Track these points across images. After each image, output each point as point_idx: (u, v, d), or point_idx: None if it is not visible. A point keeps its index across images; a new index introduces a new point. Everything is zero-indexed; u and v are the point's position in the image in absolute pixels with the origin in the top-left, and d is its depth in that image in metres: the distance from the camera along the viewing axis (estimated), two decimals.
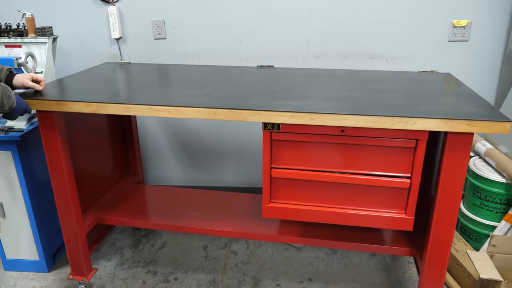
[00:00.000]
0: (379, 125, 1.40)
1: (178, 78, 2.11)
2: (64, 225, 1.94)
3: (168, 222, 2.05)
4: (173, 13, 2.52)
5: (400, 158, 1.50)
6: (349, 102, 1.59)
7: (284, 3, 2.43)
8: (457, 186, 1.48)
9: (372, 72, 2.14)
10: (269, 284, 2.17)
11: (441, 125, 1.37)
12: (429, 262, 1.65)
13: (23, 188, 2.07)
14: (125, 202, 2.26)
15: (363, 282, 2.17)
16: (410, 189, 1.53)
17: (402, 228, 1.59)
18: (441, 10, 2.39)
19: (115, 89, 1.96)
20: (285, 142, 1.56)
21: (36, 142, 2.11)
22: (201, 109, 1.51)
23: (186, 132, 2.79)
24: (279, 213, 1.66)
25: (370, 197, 1.58)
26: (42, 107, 1.66)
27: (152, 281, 2.20)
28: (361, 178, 1.55)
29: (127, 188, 2.42)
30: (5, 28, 2.15)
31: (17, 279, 2.24)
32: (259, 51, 2.54)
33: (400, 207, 1.57)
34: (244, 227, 1.99)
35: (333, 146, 1.53)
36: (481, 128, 1.36)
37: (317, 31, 2.48)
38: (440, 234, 1.58)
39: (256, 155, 2.79)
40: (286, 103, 1.55)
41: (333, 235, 1.89)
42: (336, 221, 1.64)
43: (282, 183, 1.62)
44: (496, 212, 2.13)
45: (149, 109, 1.57)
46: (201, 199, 2.27)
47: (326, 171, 1.57)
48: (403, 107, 1.51)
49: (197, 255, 2.41)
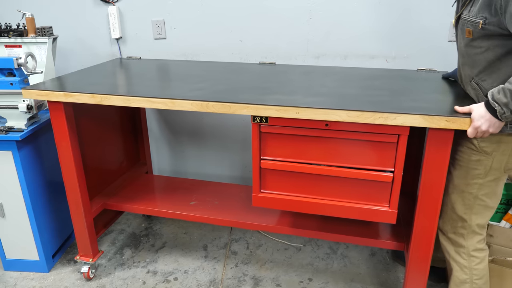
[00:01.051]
0: (361, 120, 1.46)
1: (180, 73, 2.17)
2: (73, 209, 2.06)
3: (169, 209, 2.18)
4: (173, 13, 2.52)
5: (383, 152, 1.54)
6: (336, 97, 1.65)
7: (284, 3, 2.43)
8: (438, 180, 1.54)
9: (369, 70, 2.18)
10: (269, 284, 2.17)
11: (420, 121, 1.42)
12: (413, 251, 1.70)
13: (23, 188, 2.07)
14: (130, 190, 2.41)
15: (363, 282, 2.17)
16: (393, 182, 1.57)
17: (385, 221, 1.63)
18: (441, 10, 2.39)
19: (118, 83, 2.06)
20: (272, 135, 1.63)
21: (36, 142, 2.11)
22: (194, 101, 1.62)
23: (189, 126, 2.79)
24: (268, 202, 1.73)
25: (354, 190, 1.63)
26: (52, 97, 1.80)
27: (152, 281, 2.20)
28: (345, 171, 1.60)
29: (135, 177, 2.56)
30: (5, 28, 2.15)
31: (17, 279, 2.24)
32: (259, 51, 2.54)
33: (383, 200, 1.62)
34: (241, 217, 2.09)
35: (317, 140, 1.59)
36: (460, 125, 1.40)
37: (317, 31, 2.48)
38: (424, 224, 1.64)
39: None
40: (275, 98, 1.63)
41: (325, 227, 1.97)
42: (322, 212, 1.69)
43: (271, 174, 1.69)
44: (496, 212, 2.13)
45: (147, 101, 1.68)
46: (202, 190, 2.38)
47: (311, 163, 1.63)
48: (387, 103, 1.57)
49: (197, 255, 2.41)
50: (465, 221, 1.65)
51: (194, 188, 2.41)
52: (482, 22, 1.37)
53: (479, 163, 1.54)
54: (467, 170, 1.58)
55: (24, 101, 1.94)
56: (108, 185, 2.41)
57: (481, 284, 1.71)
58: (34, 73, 1.97)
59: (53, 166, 2.25)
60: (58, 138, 1.91)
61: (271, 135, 1.63)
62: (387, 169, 1.57)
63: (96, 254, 2.20)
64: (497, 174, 1.55)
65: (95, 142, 2.25)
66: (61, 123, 1.87)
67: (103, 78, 2.08)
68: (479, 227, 1.67)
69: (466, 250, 1.69)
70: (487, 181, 1.56)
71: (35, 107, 1.99)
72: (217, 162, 2.85)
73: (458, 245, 1.71)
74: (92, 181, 2.19)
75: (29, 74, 1.95)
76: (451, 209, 1.69)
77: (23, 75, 1.91)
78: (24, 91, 1.82)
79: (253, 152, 1.66)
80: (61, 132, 1.89)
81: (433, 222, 1.63)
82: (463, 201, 1.63)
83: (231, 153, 2.81)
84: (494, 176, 1.55)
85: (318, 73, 2.12)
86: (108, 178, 2.42)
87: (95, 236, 2.19)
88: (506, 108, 1.31)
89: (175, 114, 2.76)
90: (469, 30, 1.44)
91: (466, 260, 1.70)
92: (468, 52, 1.50)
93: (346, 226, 1.96)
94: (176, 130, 2.81)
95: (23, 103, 1.94)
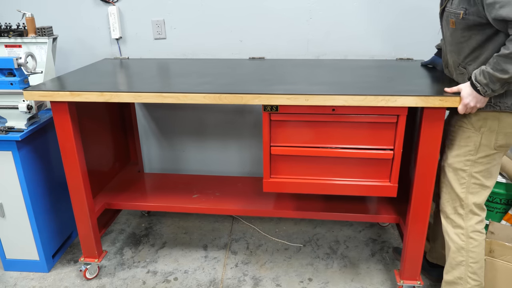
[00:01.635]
0: (365, 103, 1.60)
1: (177, 71, 2.20)
2: (77, 209, 2.05)
3: (173, 204, 2.24)
4: (173, 13, 2.52)
5: (384, 132, 1.70)
6: (337, 85, 1.78)
7: (284, 3, 2.43)
8: (433, 151, 1.71)
9: (355, 61, 2.33)
10: (269, 284, 2.17)
11: (418, 102, 1.58)
12: (412, 219, 1.85)
13: (23, 188, 2.07)
14: (130, 188, 2.42)
15: (363, 282, 2.17)
16: (393, 159, 1.72)
17: (387, 195, 1.78)
18: None
19: (121, 81, 2.08)
20: (282, 122, 1.73)
21: (36, 142, 2.11)
22: (207, 94, 1.67)
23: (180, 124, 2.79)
24: (278, 187, 1.83)
25: (358, 169, 1.77)
26: (57, 98, 1.78)
27: (152, 281, 2.20)
28: (350, 152, 1.74)
29: (130, 177, 2.57)
30: (5, 28, 2.15)
31: (17, 279, 2.24)
32: (259, 51, 2.54)
33: (385, 176, 1.77)
34: (244, 204, 2.19)
35: (324, 124, 1.71)
36: (452, 103, 1.57)
37: (317, 31, 2.48)
38: (421, 192, 1.79)
39: (251, 148, 2.79)
40: (282, 88, 1.73)
41: (324, 207, 2.12)
42: (328, 191, 1.82)
43: (281, 159, 1.80)
44: (496, 212, 2.14)
45: (158, 96, 1.71)
46: (201, 184, 2.44)
47: (319, 147, 1.75)
48: (385, 87, 1.73)
49: (197, 255, 2.41)
50: (462, 200, 1.73)
51: (193, 183, 2.46)
52: (463, 13, 1.52)
53: (469, 140, 1.66)
54: (459, 147, 1.70)
55: (24, 101, 1.94)
56: (105, 185, 2.42)
57: (476, 269, 1.75)
58: (34, 73, 1.97)
59: (53, 166, 2.25)
60: (62, 138, 1.89)
61: (281, 123, 1.73)
62: (387, 147, 1.72)
63: (100, 254, 2.21)
64: (488, 151, 1.64)
65: (89, 143, 2.24)
66: (66, 123, 1.86)
67: (102, 78, 2.08)
68: (477, 206, 1.73)
69: (465, 232, 1.75)
70: (478, 158, 1.66)
71: (35, 107, 1.99)
72: (210, 158, 2.85)
73: (458, 226, 1.76)
74: (91, 182, 2.17)
75: (29, 74, 1.94)
76: (450, 189, 1.76)
77: (23, 75, 1.91)
78: (25, 93, 1.79)
79: (264, 140, 1.75)
80: (65, 133, 1.88)
81: (429, 189, 1.77)
82: (458, 180, 1.72)
83: (225, 149, 2.81)
84: (485, 153, 1.65)
85: (308, 65, 2.23)
86: (104, 178, 2.44)
87: (99, 236, 2.21)
88: (487, 87, 1.47)
89: (162, 112, 2.75)
90: (452, 21, 1.59)
91: (464, 242, 1.75)
92: (453, 41, 1.64)
93: (346, 206, 2.12)
94: (165, 128, 2.80)
95: (23, 103, 1.94)
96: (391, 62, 2.31)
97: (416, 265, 1.94)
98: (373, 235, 2.56)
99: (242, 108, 2.65)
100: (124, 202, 2.27)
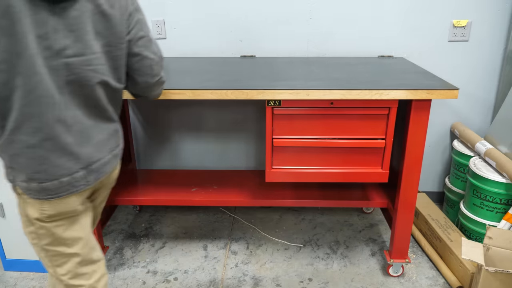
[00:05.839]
0: (361, 97, 1.73)
1: (178, 69, 2.20)
2: None
3: (172, 197, 2.28)
4: (173, 13, 2.52)
5: (377, 123, 1.84)
6: (333, 80, 1.88)
7: (284, 3, 2.43)
8: (420, 138, 1.86)
9: (340, 59, 2.41)
10: (269, 284, 2.17)
11: (407, 95, 1.72)
12: (401, 202, 1.99)
13: None
14: (128, 184, 2.43)
15: (363, 282, 2.17)
16: (385, 148, 1.87)
17: (379, 180, 1.94)
18: (441, 10, 2.40)
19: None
20: (284, 116, 1.84)
21: None
22: (213, 90, 1.75)
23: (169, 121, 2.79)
24: (279, 176, 1.95)
25: (353, 157, 1.91)
26: None
27: (152, 281, 2.20)
28: (346, 142, 1.87)
29: (125, 174, 2.56)
30: None
31: (17, 279, 2.24)
32: (259, 51, 2.54)
33: (377, 164, 1.92)
34: (244, 196, 2.27)
35: (323, 117, 1.84)
36: (437, 95, 1.73)
37: (317, 31, 2.48)
38: (410, 176, 1.94)
39: (243, 147, 2.79)
40: (283, 83, 1.82)
41: (320, 196, 2.27)
42: (325, 179, 1.95)
43: (282, 150, 1.91)
44: (496, 212, 2.14)
45: (165, 92, 1.75)
46: (199, 178, 2.48)
47: (318, 138, 1.88)
48: (377, 82, 1.84)
49: (197, 255, 2.41)
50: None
51: (191, 177, 2.49)
52: None
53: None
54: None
55: None
56: None
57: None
58: None
59: None
60: None
61: (283, 116, 1.84)
62: (379, 137, 1.86)
63: (103, 249, 2.24)
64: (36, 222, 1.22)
65: None
66: None
67: None
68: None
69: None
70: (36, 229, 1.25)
71: None
72: (206, 155, 2.86)
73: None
74: None
75: None
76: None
77: None
78: None
79: (267, 133, 1.87)
80: None
81: (417, 174, 1.93)
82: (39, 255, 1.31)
83: (222, 145, 2.82)
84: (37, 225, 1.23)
85: (299, 62, 2.31)
86: None
87: (101, 232, 2.24)
88: None
89: (153, 110, 2.75)
90: None
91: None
92: None
93: (340, 194, 2.29)
94: (158, 125, 2.81)
95: None
96: (373, 60, 2.39)
97: (405, 245, 2.09)
98: (373, 235, 2.56)
99: (236, 104, 2.66)
100: (125, 198, 2.28)
